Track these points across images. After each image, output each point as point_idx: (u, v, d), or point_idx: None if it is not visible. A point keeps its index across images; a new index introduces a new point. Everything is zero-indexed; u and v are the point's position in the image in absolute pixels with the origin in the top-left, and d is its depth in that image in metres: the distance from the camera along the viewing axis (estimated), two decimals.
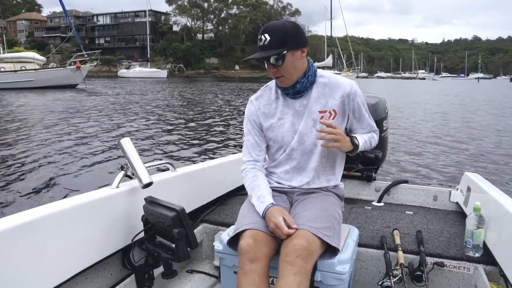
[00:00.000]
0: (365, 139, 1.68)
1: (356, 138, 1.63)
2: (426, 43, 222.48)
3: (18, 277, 1.21)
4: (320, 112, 1.60)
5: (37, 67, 27.51)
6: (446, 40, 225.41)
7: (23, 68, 26.53)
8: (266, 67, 1.56)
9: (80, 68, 25.53)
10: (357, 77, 48.74)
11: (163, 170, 2.01)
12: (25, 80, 25.22)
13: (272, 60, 1.50)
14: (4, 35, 31.46)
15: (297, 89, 1.59)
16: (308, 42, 1.60)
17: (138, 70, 55.42)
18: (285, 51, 1.49)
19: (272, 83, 1.71)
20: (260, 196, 1.55)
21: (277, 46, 1.47)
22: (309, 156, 1.63)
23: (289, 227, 1.39)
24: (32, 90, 23.97)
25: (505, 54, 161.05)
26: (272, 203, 1.51)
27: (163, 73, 54.00)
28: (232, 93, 24.98)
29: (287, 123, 1.63)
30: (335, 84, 1.61)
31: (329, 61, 53.47)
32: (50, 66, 29.63)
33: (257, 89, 1.75)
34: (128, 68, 58.73)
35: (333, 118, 1.60)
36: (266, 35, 1.48)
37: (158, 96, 21.50)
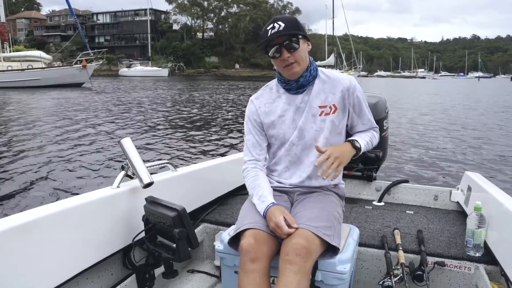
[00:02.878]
0: (367, 140, 1.67)
1: (357, 141, 1.62)
2: (425, 42, 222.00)
3: (19, 277, 1.21)
4: (320, 107, 1.61)
5: (43, 65, 27.53)
6: (445, 39, 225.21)
7: (30, 67, 26.57)
8: (272, 56, 1.55)
9: (86, 67, 25.54)
10: (358, 76, 48.72)
11: (164, 170, 2.01)
12: (32, 79, 25.21)
13: (288, 42, 1.51)
14: (9, 33, 31.39)
15: (300, 82, 1.60)
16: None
17: (139, 69, 55.20)
18: (300, 36, 1.52)
19: (272, 83, 1.72)
20: (261, 195, 1.55)
21: (292, 31, 1.51)
22: (309, 151, 1.64)
23: (289, 226, 1.39)
24: (39, 88, 23.97)
25: (504, 53, 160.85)
26: (273, 202, 1.51)
27: (164, 72, 53.84)
28: (232, 92, 24.95)
29: (288, 119, 1.64)
30: (335, 79, 1.63)
31: (331, 60, 53.36)
32: (56, 65, 29.63)
33: (258, 87, 1.75)
34: (129, 67, 58.41)
35: (333, 113, 1.61)
36: (280, 22, 1.50)
37: (160, 95, 21.48)
